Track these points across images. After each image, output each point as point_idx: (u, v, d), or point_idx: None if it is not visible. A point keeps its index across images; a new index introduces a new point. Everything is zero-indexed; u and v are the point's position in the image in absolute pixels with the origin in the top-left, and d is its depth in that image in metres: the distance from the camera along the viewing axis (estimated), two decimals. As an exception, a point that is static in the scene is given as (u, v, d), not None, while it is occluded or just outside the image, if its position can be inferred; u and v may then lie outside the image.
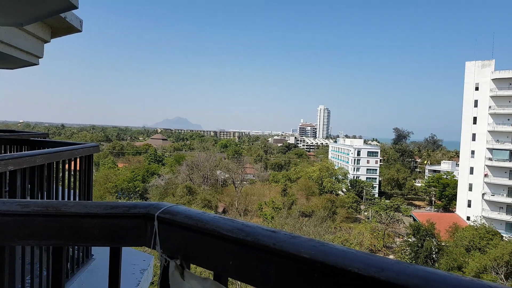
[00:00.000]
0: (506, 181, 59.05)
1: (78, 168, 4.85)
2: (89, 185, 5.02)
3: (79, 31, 6.38)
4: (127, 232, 1.25)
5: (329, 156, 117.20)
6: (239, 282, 28.19)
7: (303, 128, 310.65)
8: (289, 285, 0.90)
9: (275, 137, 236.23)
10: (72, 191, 4.87)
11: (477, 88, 62.54)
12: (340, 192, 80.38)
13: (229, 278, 1.14)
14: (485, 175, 61.00)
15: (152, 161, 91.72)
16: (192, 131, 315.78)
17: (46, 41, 6.39)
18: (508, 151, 59.00)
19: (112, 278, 1.35)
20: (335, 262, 0.82)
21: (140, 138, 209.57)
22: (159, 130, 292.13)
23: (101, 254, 4.99)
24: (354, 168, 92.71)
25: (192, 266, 1.20)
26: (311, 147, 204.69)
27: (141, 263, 5.00)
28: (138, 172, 73.38)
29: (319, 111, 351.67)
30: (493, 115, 60.96)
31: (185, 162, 78.28)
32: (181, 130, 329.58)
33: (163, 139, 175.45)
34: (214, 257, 1.08)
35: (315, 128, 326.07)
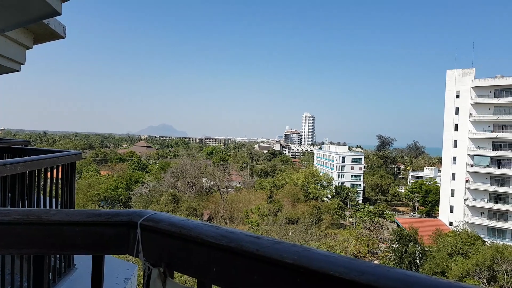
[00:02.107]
0: (487, 187, 60.27)
1: (60, 176, 4.77)
2: (72, 194, 4.93)
3: (62, 37, 6.31)
4: (110, 240, 1.23)
5: (314, 163, 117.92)
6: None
7: (288, 135, 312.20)
8: (272, 291, 0.90)
9: (261, 144, 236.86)
10: (54, 199, 4.79)
11: (458, 96, 63.90)
12: (325, 198, 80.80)
13: (213, 286, 1.14)
14: (467, 181, 62.14)
15: (136, 169, 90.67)
16: (177, 138, 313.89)
17: (28, 47, 6.29)
18: (489, 157, 60.27)
19: (95, 287, 1.33)
20: (318, 267, 0.83)
21: (124, 146, 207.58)
22: (143, 137, 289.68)
23: (83, 263, 4.89)
24: (338, 175, 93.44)
25: (177, 274, 1.19)
26: (296, 153, 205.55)
27: (125, 272, 4.92)
28: (121, 180, 72.34)
29: (304, 118, 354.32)
30: (473, 122, 62.32)
31: (170, 169, 77.48)
32: (166, 137, 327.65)
33: (147, 146, 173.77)
34: (198, 264, 1.07)
35: (301, 135, 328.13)
